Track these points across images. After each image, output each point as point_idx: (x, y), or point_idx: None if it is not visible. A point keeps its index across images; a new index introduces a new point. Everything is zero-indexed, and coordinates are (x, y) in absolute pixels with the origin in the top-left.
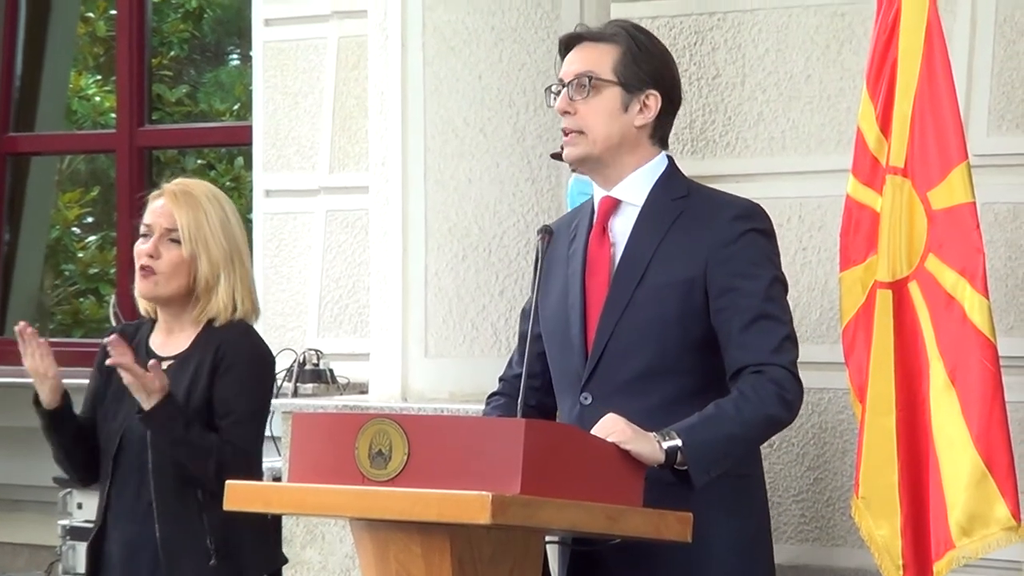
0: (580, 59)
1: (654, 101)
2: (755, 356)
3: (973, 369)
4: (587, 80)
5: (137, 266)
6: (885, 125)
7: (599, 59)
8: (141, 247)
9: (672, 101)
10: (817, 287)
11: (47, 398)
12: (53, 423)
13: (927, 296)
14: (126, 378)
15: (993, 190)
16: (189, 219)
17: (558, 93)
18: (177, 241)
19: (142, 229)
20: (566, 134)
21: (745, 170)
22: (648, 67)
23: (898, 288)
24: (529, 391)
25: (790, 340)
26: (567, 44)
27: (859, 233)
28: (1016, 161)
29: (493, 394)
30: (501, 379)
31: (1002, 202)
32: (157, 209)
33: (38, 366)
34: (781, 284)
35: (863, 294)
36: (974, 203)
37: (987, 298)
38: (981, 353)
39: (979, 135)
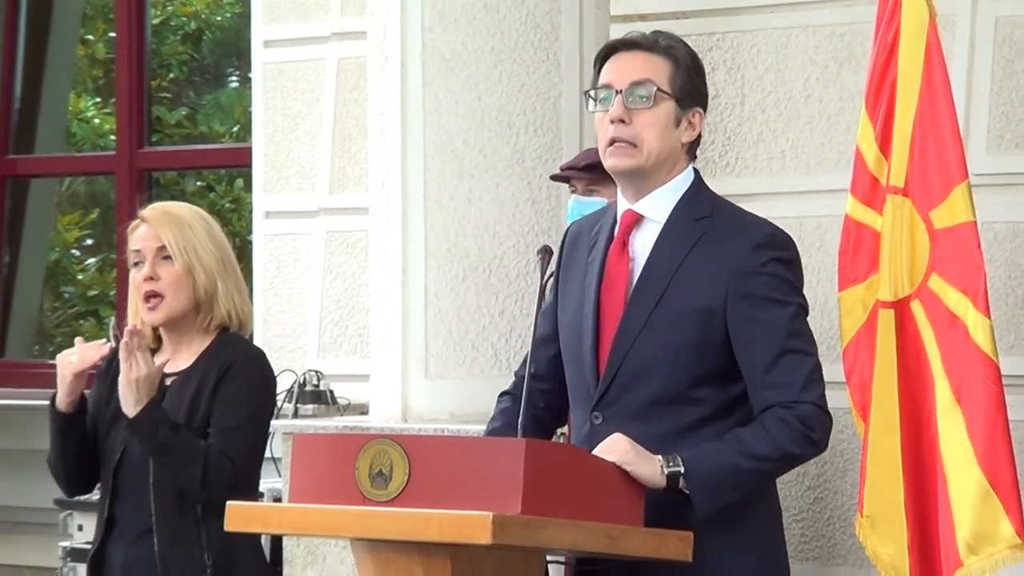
0: (637, 67)
1: (699, 119)
2: (783, 395)
3: (977, 388)
4: (652, 90)
5: (140, 296)
6: (884, 145)
7: (657, 70)
8: (138, 275)
9: (704, 117)
10: (817, 306)
11: (64, 401)
12: (64, 427)
13: (930, 315)
14: (124, 378)
15: (992, 209)
16: (175, 233)
17: (601, 99)
18: (170, 258)
19: (133, 258)
20: (615, 142)
21: (745, 190)
22: (697, 84)
23: (900, 307)
24: (538, 393)
25: (816, 372)
26: (615, 49)
27: (859, 252)
28: (1015, 180)
29: (504, 393)
30: (516, 373)
31: (1002, 221)
32: (143, 234)
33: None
34: (804, 313)
35: (864, 313)
36: (975, 222)
37: (989, 317)
38: (984, 372)
39: (978, 154)
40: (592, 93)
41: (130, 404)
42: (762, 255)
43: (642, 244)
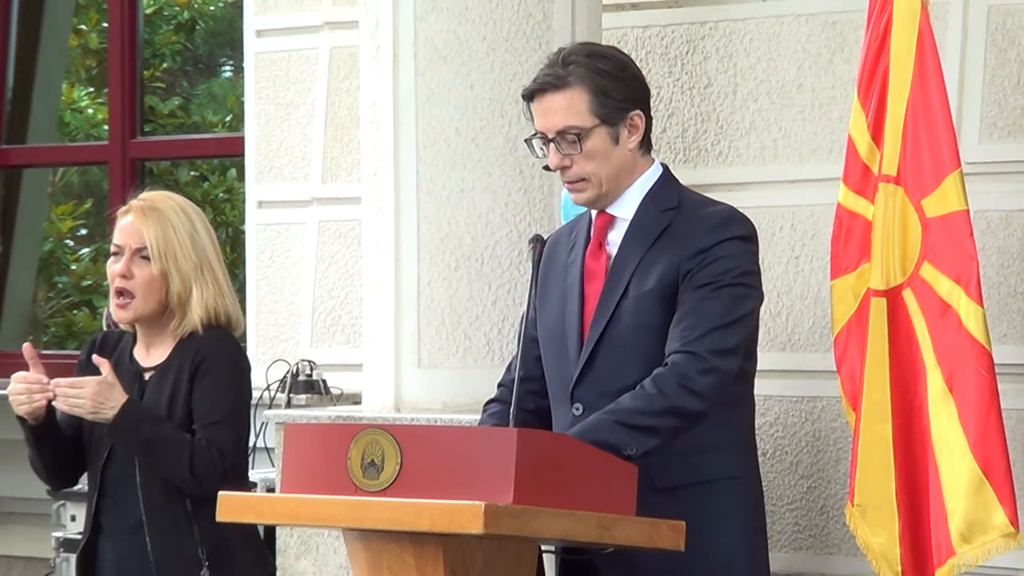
0: (555, 112)
1: (639, 119)
2: (674, 344)
3: (969, 377)
4: (573, 136)
5: (112, 289)
6: (877, 133)
7: (573, 107)
8: (114, 267)
9: (648, 106)
10: (810, 296)
11: (28, 417)
12: (35, 436)
13: (922, 304)
14: (81, 408)
15: (985, 198)
16: (157, 234)
17: (545, 142)
18: (148, 259)
19: (113, 248)
20: (569, 182)
21: (737, 179)
22: (620, 93)
23: (892, 296)
24: (527, 395)
25: (724, 328)
26: (530, 96)
27: (850, 241)
28: (1008, 168)
29: (491, 401)
30: (500, 384)
31: (994, 210)
32: (126, 227)
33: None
34: (741, 286)
35: (855, 302)
36: (968, 211)
37: (981, 306)
38: (977, 361)
39: (971, 143)
40: (532, 141)
41: (106, 413)
42: (716, 235)
43: (615, 239)
